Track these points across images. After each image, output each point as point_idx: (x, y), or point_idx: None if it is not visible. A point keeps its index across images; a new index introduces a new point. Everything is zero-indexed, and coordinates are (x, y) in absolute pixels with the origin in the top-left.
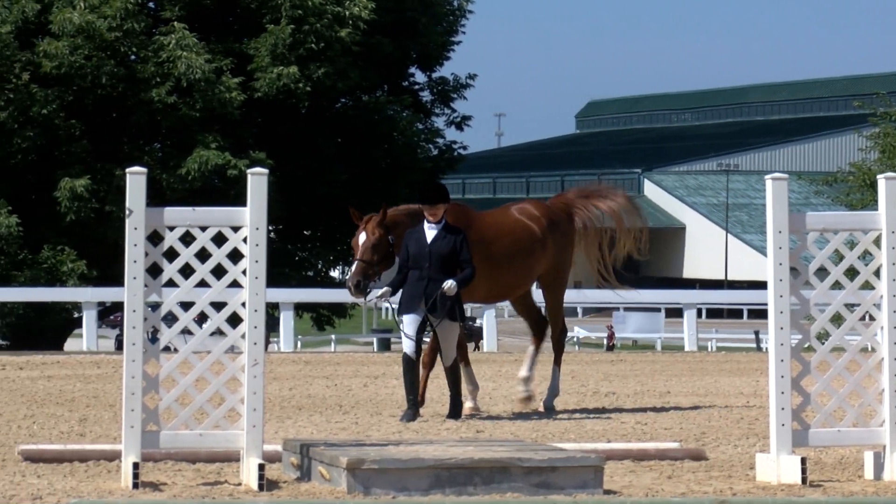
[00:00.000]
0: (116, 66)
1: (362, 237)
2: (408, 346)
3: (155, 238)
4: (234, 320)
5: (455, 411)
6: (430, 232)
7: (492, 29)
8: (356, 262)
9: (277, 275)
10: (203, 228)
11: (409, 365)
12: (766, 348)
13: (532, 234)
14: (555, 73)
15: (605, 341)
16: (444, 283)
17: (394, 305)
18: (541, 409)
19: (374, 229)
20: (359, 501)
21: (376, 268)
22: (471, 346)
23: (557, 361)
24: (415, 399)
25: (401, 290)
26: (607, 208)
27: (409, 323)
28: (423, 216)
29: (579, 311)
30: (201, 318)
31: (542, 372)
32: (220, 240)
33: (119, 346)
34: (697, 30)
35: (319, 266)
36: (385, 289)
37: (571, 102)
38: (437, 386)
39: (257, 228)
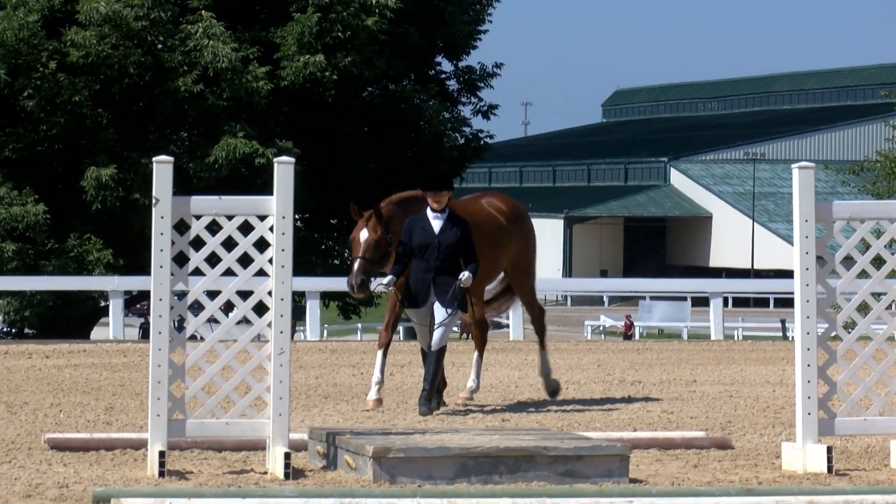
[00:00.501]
0: (143, 55)
1: (363, 234)
2: (424, 341)
3: (181, 227)
4: (261, 309)
5: (426, 393)
6: (436, 222)
7: (519, 18)
8: (358, 260)
9: (304, 263)
10: (229, 217)
11: (425, 356)
12: (793, 337)
13: (501, 226)
14: (581, 62)
15: (623, 330)
16: (462, 276)
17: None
18: (547, 396)
19: (375, 226)
20: (385, 490)
21: (376, 266)
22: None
23: (543, 345)
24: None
25: (403, 280)
26: None
27: (419, 317)
28: (413, 203)
29: (605, 299)
30: (227, 307)
31: (561, 361)
32: (246, 228)
33: (143, 334)
34: (724, 18)
35: (346, 255)
36: (389, 278)
37: (598, 91)
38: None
39: (284, 217)
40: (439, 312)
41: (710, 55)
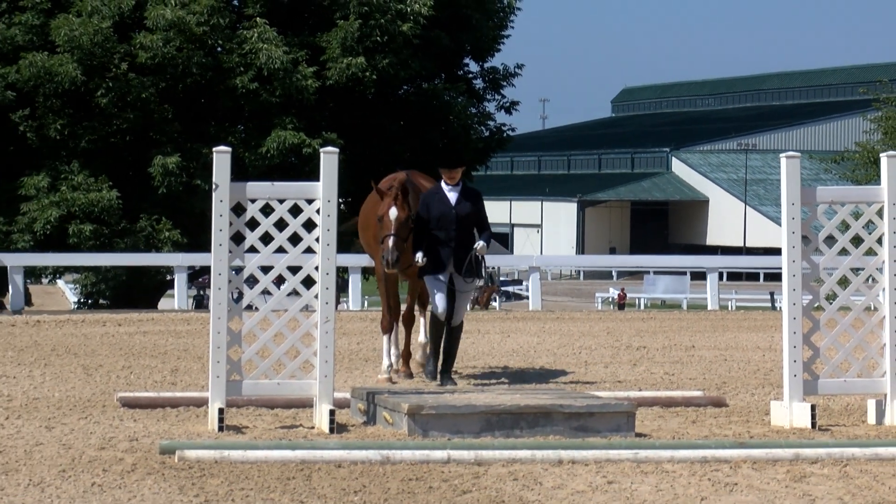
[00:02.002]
0: (204, 56)
1: (393, 212)
2: (441, 308)
3: (238, 209)
4: (308, 282)
5: (448, 368)
6: (452, 194)
7: (538, 23)
8: (392, 237)
9: (347, 242)
10: (281, 201)
11: (439, 325)
12: (780, 307)
13: None
14: (593, 63)
15: (615, 301)
16: (477, 244)
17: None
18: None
19: (403, 205)
20: (418, 443)
21: (405, 242)
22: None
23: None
24: (436, 357)
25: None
26: None
27: (438, 286)
28: (412, 183)
29: (614, 274)
30: (279, 281)
31: (574, 329)
32: (295, 211)
33: (197, 304)
34: (721, 23)
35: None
36: (419, 254)
37: (608, 89)
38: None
39: (329, 201)
40: (459, 284)
41: (708, 56)
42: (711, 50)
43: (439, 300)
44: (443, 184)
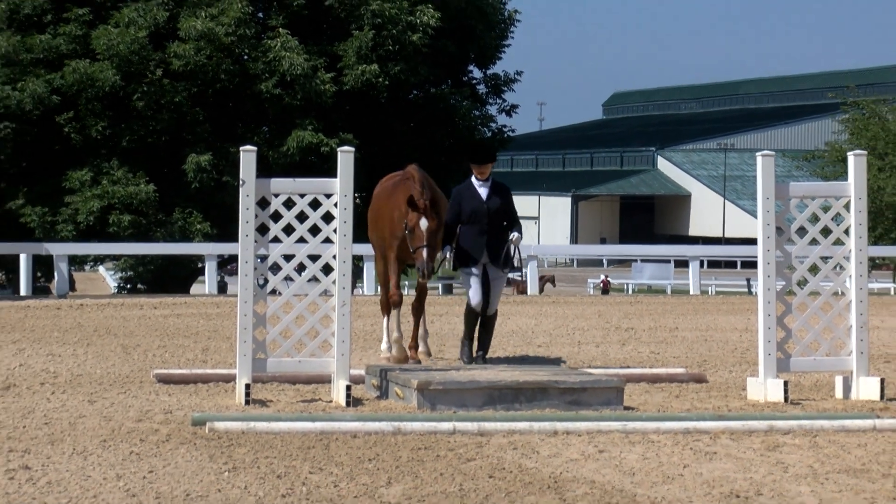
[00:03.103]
0: (232, 64)
1: (424, 223)
2: (476, 300)
3: (263, 203)
4: (327, 269)
5: (484, 353)
6: (482, 190)
7: (536, 33)
8: (426, 248)
9: (361, 233)
10: (302, 195)
11: (474, 315)
12: (756, 292)
13: None
14: (586, 69)
15: (601, 286)
16: (512, 235)
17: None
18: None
19: (432, 215)
20: (426, 415)
21: (436, 251)
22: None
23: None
24: (471, 343)
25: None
26: None
27: (473, 279)
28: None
29: (604, 262)
30: (300, 268)
31: (569, 312)
32: (315, 204)
33: (220, 289)
34: (704, 33)
35: None
36: (447, 248)
37: (599, 93)
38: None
39: (345, 195)
40: (494, 274)
41: (691, 63)
42: (694, 58)
43: (474, 294)
44: (473, 179)
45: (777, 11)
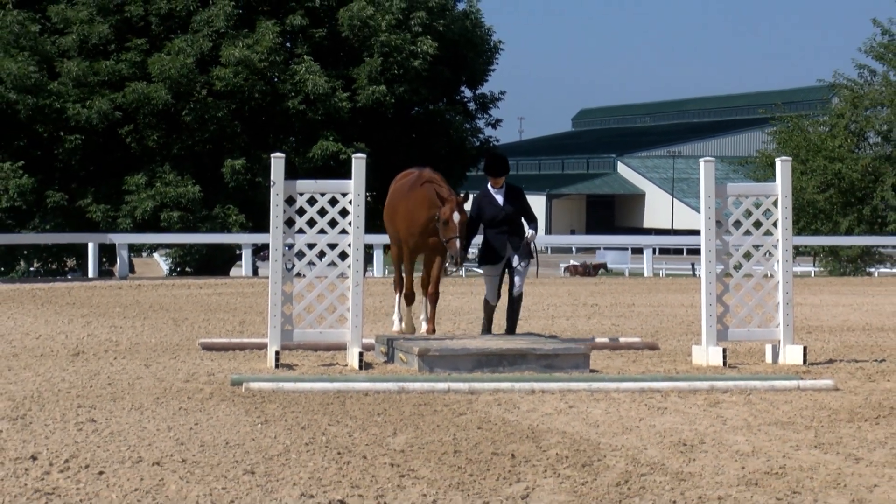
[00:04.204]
0: (265, 85)
1: (457, 216)
2: (491, 294)
3: (290, 201)
4: (343, 256)
5: (511, 331)
6: (498, 197)
7: (517, 59)
8: (457, 239)
9: (372, 226)
10: (322, 194)
11: (490, 306)
12: (699, 275)
13: None
14: (558, 90)
15: (582, 271)
16: (528, 233)
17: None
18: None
19: (463, 210)
20: (426, 377)
21: (466, 241)
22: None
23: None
24: (489, 330)
25: (474, 244)
26: None
27: (491, 279)
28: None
29: (573, 249)
30: (321, 254)
31: (544, 291)
32: (333, 202)
33: (254, 272)
34: (656, 59)
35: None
36: (463, 253)
37: (569, 109)
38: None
39: (359, 194)
40: (516, 262)
41: (645, 84)
42: (648, 80)
43: (490, 294)
44: (489, 187)
45: (716, 39)
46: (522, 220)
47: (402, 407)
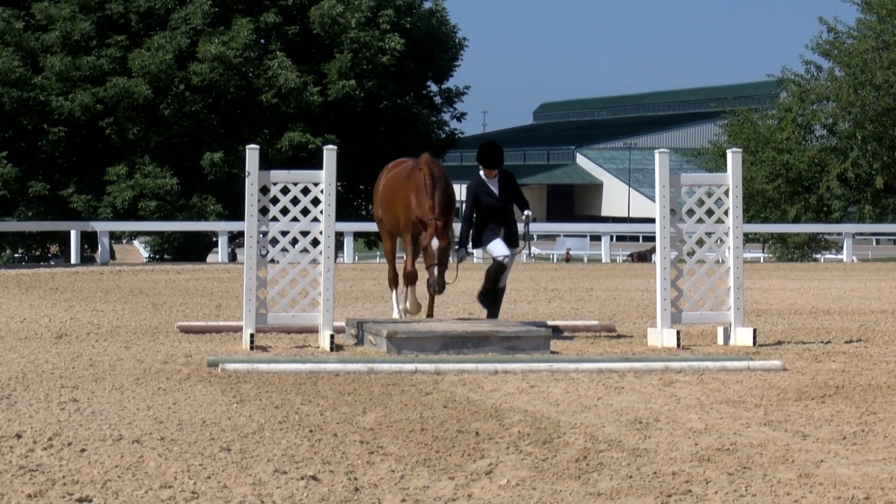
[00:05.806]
0: (239, 80)
1: (435, 243)
2: (500, 252)
3: (264, 190)
4: (315, 242)
5: (495, 315)
6: (493, 186)
7: (481, 55)
8: (436, 266)
9: (343, 214)
10: (295, 184)
11: (501, 269)
12: (654, 260)
13: None
14: (520, 84)
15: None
16: (525, 212)
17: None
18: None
19: (443, 234)
20: (394, 358)
21: (446, 268)
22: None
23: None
24: (493, 294)
25: (471, 231)
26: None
27: (495, 240)
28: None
29: (535, 237)
30: (293, 241)
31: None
32: (306, 191)
33: (230, 258)
34: (613, 56)
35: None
36: (463, 250)
37: (530, 103)
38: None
39: (329, 184)
40: (508, 251)
41: (603, 79)
42: (605, 74)
43: (499, 248)
44: (483, 175)
45: (671, 36)
46: (514, 206)
47: (371, 387)
